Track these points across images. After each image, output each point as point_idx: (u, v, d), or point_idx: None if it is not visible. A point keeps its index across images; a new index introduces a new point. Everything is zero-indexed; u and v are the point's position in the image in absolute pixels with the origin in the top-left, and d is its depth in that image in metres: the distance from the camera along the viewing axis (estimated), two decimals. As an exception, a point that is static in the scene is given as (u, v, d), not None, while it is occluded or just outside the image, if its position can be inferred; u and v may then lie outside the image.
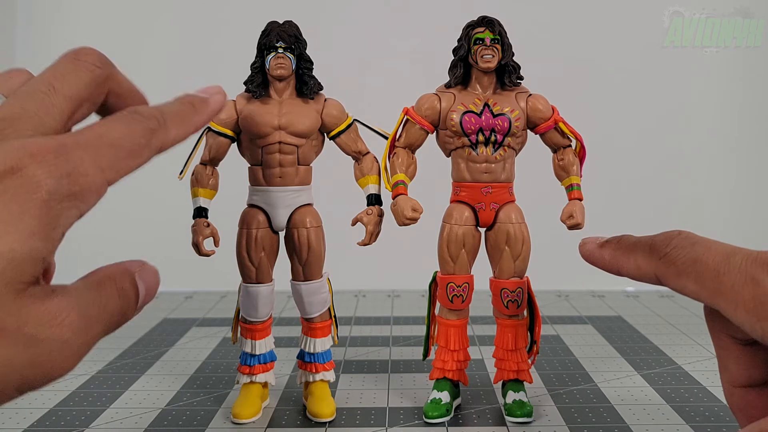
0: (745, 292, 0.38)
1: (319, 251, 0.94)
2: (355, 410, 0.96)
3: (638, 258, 0.46)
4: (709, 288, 0.41)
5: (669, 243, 0.44)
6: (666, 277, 0.44)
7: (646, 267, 0.45)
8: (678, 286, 0.43)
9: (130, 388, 1.05)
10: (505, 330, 0.94)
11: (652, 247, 0.45)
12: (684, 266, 0.42)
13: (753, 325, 0.39)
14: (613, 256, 0.48)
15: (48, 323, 0.33)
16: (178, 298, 1.66)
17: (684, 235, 0.44)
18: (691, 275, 0.42)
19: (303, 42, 0.93)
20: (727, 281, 0.39)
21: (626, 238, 0.48)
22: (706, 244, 0.42)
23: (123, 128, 0.38)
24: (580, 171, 0.95)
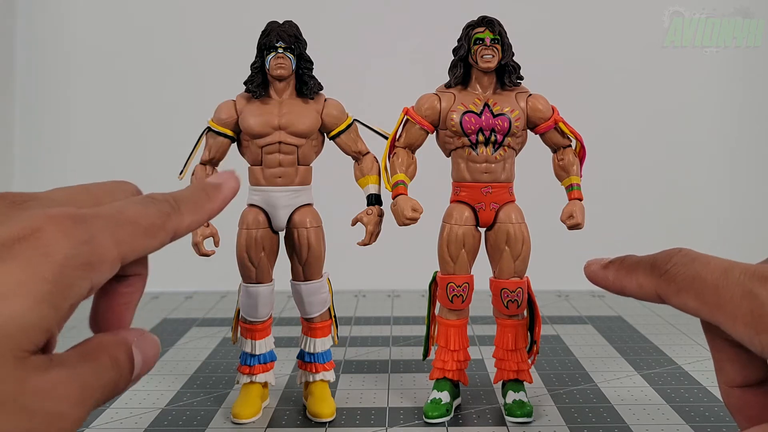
0: (743, 306, 0.39)
1: (319, 251, 0.94)
2: (355, 410, 0.96)
3: (640, 277, 0.46)
4: (709, 303, 0.41)
5: (669, 260, 0.45)
6: (667, 294, 0.44)
7: (648, 285, 0.46)
8: (679, 303, 0.43)
9: (130, 388, 1.05)
10: (505, 330, 0.94)
11: (653, 266, 0.45)
12: (684, 283, 0.43)
13: (752, 339, 0.39)
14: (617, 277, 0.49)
15: (47, 396, 0.32)
16: (178, 298, 1.66)
17: (684, 252, 0.45)
18: (690, 292, 0.42)
19: (303, 42, 0.93)
20: (726, 295, 0.40)
21: (629, 258, 0.49)
22: (704, 260, 0.43)
23: (140, 208, 0.38)
24: (580, 171, 0.95)
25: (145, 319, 1.47)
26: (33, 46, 1.80)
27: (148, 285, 0.46)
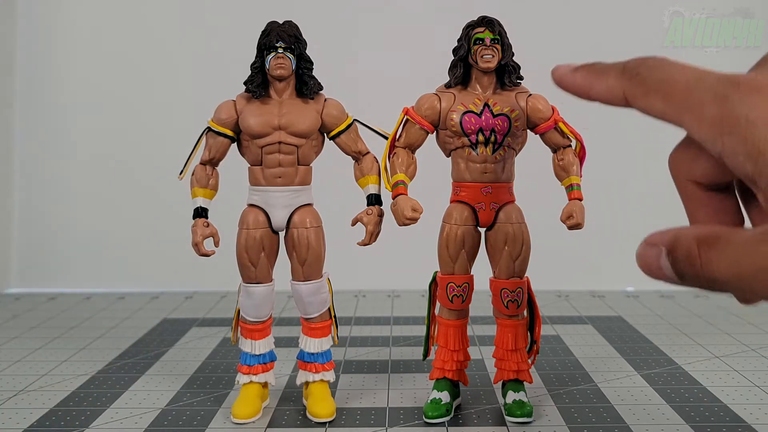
0: (712, 108, 0.38)
1: (319, 251, 0.94)
2: (355, 410, 0.96)
3: (610, 79, 0.45)
4: (677, 105, 0.40)
5: (642, 63, 0.44)
6: (635, 96, 0.43)
7: (616, 87, 0.45)
8: (646, 104, 0.43)
9: (130, 388, 1.05)
10: (505, 330, 0.94)
11: (625, 68, 0.45)
12: (654, 85, 0.42)
13: (714, 140, 0.38)
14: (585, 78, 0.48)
15: None
16: (178, 298, 1.67)
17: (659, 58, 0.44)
18: (659, 93, 0.41)
19: (303, 42, 0.93)
20: (696, 98, 0.39)
21: (600, 63, 0.48)
22: (679, 65, 0.42)
23: None
24: (580, 171, 0.95)
25: (145, 319, 1.47)
26: (33, 46, 1.80)
27: (148, 285, 0.46)
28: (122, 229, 1.80)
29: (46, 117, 1.81)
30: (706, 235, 0.38)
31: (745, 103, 0.37)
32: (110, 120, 1.80)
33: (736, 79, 0.39)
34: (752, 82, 0.38)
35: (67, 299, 1.66)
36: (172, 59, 1.79)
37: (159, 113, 1.79)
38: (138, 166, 1.80)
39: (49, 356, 1.21)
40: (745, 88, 0.38)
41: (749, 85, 0.38)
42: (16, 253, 1.82)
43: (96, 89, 1.80)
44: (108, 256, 1.80)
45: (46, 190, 1.81)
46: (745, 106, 0.37)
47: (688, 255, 0.38)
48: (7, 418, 0.94)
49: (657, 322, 1.43)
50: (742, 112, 0.37)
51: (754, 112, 0.37)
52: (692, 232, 0.39)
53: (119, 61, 1.80)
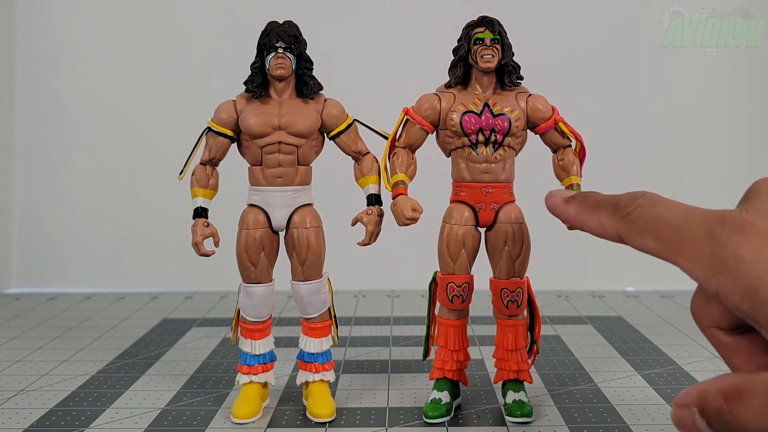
0: (703, 248, 0.39)
1: (319, 251, 0.94)
2: (355, 410, 0.96)
3: (602, 216, 0.46)
4: (670, 245, 0.41)
5: (633, 202, 0.44)
6: (628, 235, 0.44)
7: (609, 226, 0.45)
8: (639, 244, 0.43)
9: (130, 388, 1.05)
10: (505, 330, 0.94)
11: (616, 207, 0.45)
12: (645, 224, 0.42)
13: (708, 280, 0.39)
14: (578, 212, 0.48)
15: None
16: (178, 298, 1.67)
17: (648, 195, 0.44)
18: (651, 233, 0.42)
19: (303, 42, 0.93)
20: (687, 237, 0.40)
21: (592, 195, 0.49)
22: (667, 204, 0.43)
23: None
24: (580, 171, 0.95)
25: (145, 319, 1.47)
26: (33, 46, 1.80)
27: (148, 285, 0.46)
28: (122, 229, 1.80)
29: (46, 117, 1.81)
30: (729, 389, 0.38)
31: (732, 240, 0.38)
32: (110, 120, 1.80)
33: (723, 216, 0.39)
34: (738, 220, 0.38)
35: (67, 299, 1.66)
36: (172, 59, 1.79)
37: (159, 113, 1.79)
38: (138, 165, 1.80)
39: (49, 356, 1.21)
40: (731, 226, 0.38)
41: (735, 223, 0.38)
42: (16, 253, 1.82)
43: (96, 89, 1.80)
44: (108, 256, 1.80)
45: (46, 190, 1.81)
46: (733, 244, 0.37)
47: (719, 412, 0.38)
48: (7, 418, 0.94)
49: (657, 322, 1.43)
50: (730, 250, 0.37)
51: (742, 249, 0.37)
52: (716, 387, 0.39)
53: (119, 61, 1.80)
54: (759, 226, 0.38)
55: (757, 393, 0.37)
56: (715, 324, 0.45)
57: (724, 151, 1.84)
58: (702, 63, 1.81)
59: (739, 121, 1.85)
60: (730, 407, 0.38)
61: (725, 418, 0.38)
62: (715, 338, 0.45)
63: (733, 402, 0.38)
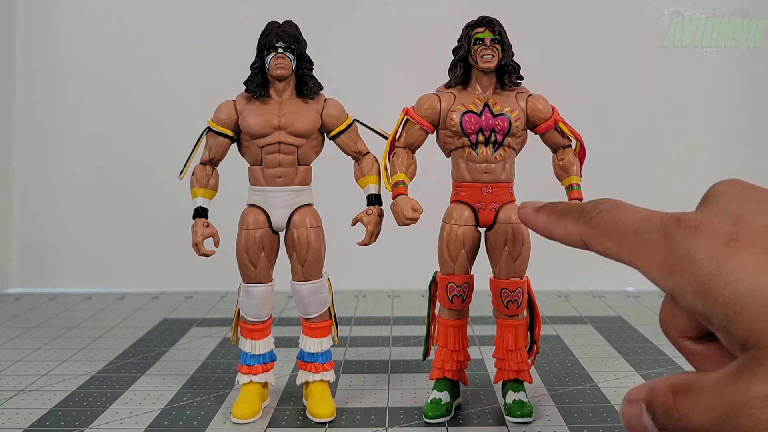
0: (658, 249, 0.39)
1: (319, 251, 0.94)
2: (355, 410, 0.96)
3: (568, 223, 0.47)
4: (628, 247, 0.42)
5: (596, 208, 0.46)
6: (591, 240, 0.45)
7: (574, 231, 0.46)
8: (601, 248, 0.44)
9: (130, 388, 1.05)
10: (505, 330, 0.94)
11: (580, 213, 0.46)
12: (606, 228, 0.44)
13: (664, 280, 0.39)
14: (546, 221, 0.50)
15: None
16: (178, 298, 1.67)
17: (611, 201, 0.46)
18: (612, 237, 0.43)
19: (303, 42, 0.93)
20: (644, 240, 0.40)
21: (560, 205, 0.50)
22: (628, 208, 0.44)
23: None
24: (580, 171, 0.95)
25: (145, 319, 1.47)
26: (34, 47, 1.80)
27: (148, 285, 0.46)
28: (122, 229, 1.80)
29: (46, 117, 1.81)
30: (679, 385, 0.38)
31: (686, 240, 0.38)
32: (110, 120, 1.80)
33: (678, 218, 0.40)
34: (692, 220, 0.39)
35: (67, 299, 1.66)
36: (172, 59, 1.79)
37: (159, 113, 1.79)
38: (138, 165, 1.80)
39: (49, 356, 1.21)
40: (686, 227, 0.39)
41: (690, 222, 0.39)
42: (16, 253, 1.82)
43: (96, 89, 1.80)
44: (108, 256, 1.80)
45: (47, 190, 1.81)
46: (686, 244, 0.38)
47: (665, 408, 0.38)
48: (7, 418, 0.93)
49: (657, 322, 1.43)
50: (683, 250, 0.38)
51: (695, 248, 0.37)
52: (666, 383, 0.39)
53: (119, 62, 1.80)
54: (712, 226, 0.38)
55: (705, 390, 0.37)
56: (682, 334, 0.45)
57: (723, 151, 1.84)
58: (702, 63, 1.80)
59: (738, 121, 1.85)
60: (677, 403, 0.38)
61: (671, 413, 0.38)
62: (684, 348, 0.45)
63: (680, 398, 0.38)
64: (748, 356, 0.35)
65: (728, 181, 0.43)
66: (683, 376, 0.39)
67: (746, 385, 0.35)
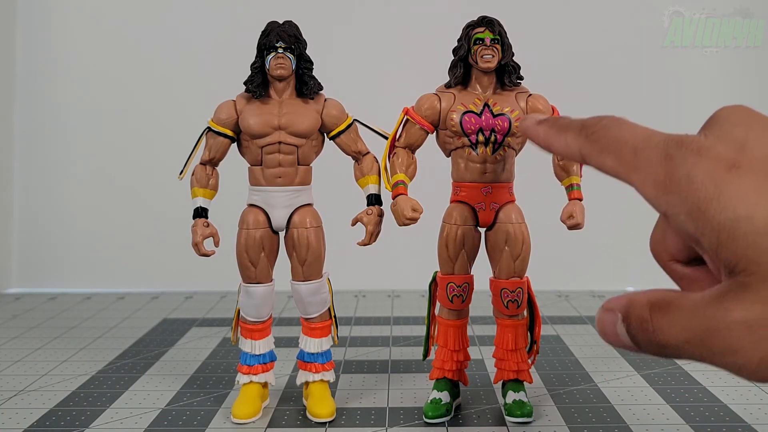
0: (657, 168, 0.39)
1: (319, 251, 0.94)
2: (355, 410, 0.96)
3: (568, 136, 0.46)
4: (626, 164, 0.41)
5: (598, 123, 0.44)
6: (589, 154, 0.44)
7: (573, 144, 0.45)
8: (599, 163, 0.43)
9: (130, 388, 1.05)
10: (505, 330, 0.94)
11: (582, 126, 0.45)
12: (606, 144, 0.43)
13: (658, 199, 0.39)
14: (547, 134, 0.48)
15: None
16: (178, 298, 1.67)
17: (615, 117, 0.45)
18: (611, 152, 0.42)
19: (303, 42, 0.93)
20: (643, 157, 0.40)
21: (563, 118, 0.48)
22: (631, 125, 0.43)
23: None
24: (580, 171, 0.95)
25: (145, 319, 1.47)
26: (34, 47, 1.80)
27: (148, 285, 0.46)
28: (122, 229, 1.80)
29: (46, 117, 1.81)
30: (658, 301, 0.38)
31: (687, 162, 0.38)
32: (110, 120, 1.80)
33: (681, 139, 0.39)
34: (696, 143, 0.39)
35: (67, 299, 1.66)
36: (172, 59, 1.79)
37: (159, 113, 1.79)
38: (138, 166, 1.80)
39: (49, 356, 1.21)
40: (688, 148, 0.38)
41: (692, 145, 0.38)
42: (16, 253, 1.82)
43: (96, 90, 1.80)
44: (108, 256, 1.80)
45: (47, 190, 1.81)
46: (687, 165, 0.38)
47: (641, 321, 0.38)
48: (7, 418, 0.93)
49: (657, 322, 1.43)
50: (683, 171, 0.38)
51: (695, 170, 0.37)
52: (645, 298, 0.39)
53: (119, 62, 1.80)
54: (716, 150, 0.38)
55: (684, 309, 0.37)
56: (672, 257, 0.45)
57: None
58: (702, 63, 1.80)
59: (739, 121, 1.84)
60: (653, 318, 0.38)
61: (646, 326, 0.38)
62: (673, 272, 0.46)
63: (657, 313, 0.38)
64: (735, 281, 0.35)
65: (734, 106, 0.42)
66: (664, 292, 0.39)
67: (727, 309, 0.35)
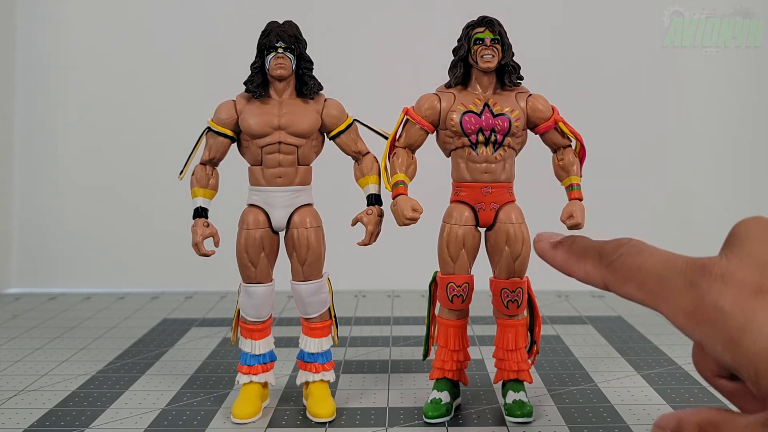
0: (684, 297, 0.39)
1: (319, 251, 0.94)
2: (355, 410, 0.96)
3: (588, 265, 0.46)
4: (652, 293, 0.41)
5: (617, 250, 0.45)
6: (613, 284, 0.44)
7: (595, 274, 0.46)
8: (624, 292, 0.44)
9: (130, 388, 1.05)
10: (505, 330, 0.94)
11: (601, 255, 0.46)
12: (629, 273, 0.43)
13: (692, 330, 0.39)
14: (565, 260, 0.49)
15: None
16: (178, 298, 1.67)
17: (632, 243, 0.45)
18: (635, 282, 0.43)
19: (303, 42, 0.93)
20: (669, 286, 0.40)
21: (579, 242, 0.49)
22: (651, 251, 0.43)
23: None
24: (580, 171, 0.95)
25: (145, 319, 1.47)
26: (33, 46, 1.80)
27: (148, 285, 0.46)
28: (122, 229, 1.80)
29: (45, 117, 1.81)
30: (707, 423, 0.38)
31: (712, 290, 0.37)
32: (110, 120, 1.80)
33: (703, 264, 0.39)
34: (718, 267, 0.38)
35: (67, 299, 1.66)
36: (172, 59, 1.79)
37: (159, 113, 1.79)
38: (138, 165, 1.80)
39: (49, 356, 1.21)
40: (711, 275, 0.38)
41: (715, 270, 0.38)
42: (16, 253, 1.82)
43: (96, 90, 1.80)
44: (108, 256, 1.80)
45: (47, 190, 1.81)
46: (713, 294, 0.37)
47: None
48: (7, 418, 0.93)
49: (657, 322, 1.43)
50: (710, 300, 0.37)
51: (722, 299, 0.37)
52: (696, 418, 0.39)
53: (118, 62, 1.80)
54: (740, 275, 0.37)
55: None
56: (716, 374, 0.45)
57: (724, 151, 1.84)
58: (702, 63, 1.80)
59: (739, 121, 1.85)
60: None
61: None
62: (719, 387, 0.45)
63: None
64: None
65: (750, 221, 0.42)
66: (712, 413, 0.39)
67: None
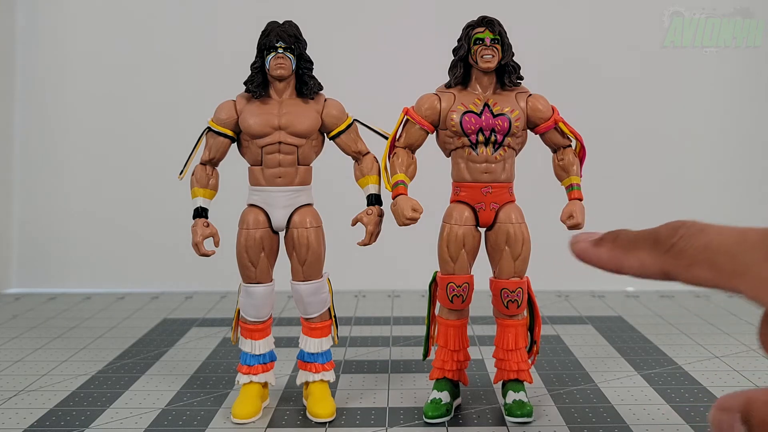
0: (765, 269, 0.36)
1: (319, 251, 0.94)
2: (355, 410, 0.96)
3: (641, 254, 0.42)
4: (726, 271, 0.37)
5: (675, 233, 0.41)
6: (677, 270, 0.40)
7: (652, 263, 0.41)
8: (691, 277, 0.39)
9: (130, 388, 1.05)
10: (505, 330, 0.94)
11: (656, 241, 0.41)
12: (695, 255, 0.39)
13: None
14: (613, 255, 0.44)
15: None
16: (178, 298, 1.67)
17: (689, 224, 0.41)
18: (704, 263, 0.38)
19: (303, 42, 0.93)
20: (745, 261, 0.37)
21: (624, 234, 0.44)
22: (715, 229, 0.39)
23: None
24: (580, 171, 0.95)
25: (145, 319, 1.47)
26: (33, 46, 1.80)
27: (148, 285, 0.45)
28: (122, 229, 1.80)
29: (46, 117, 1.81)
30: None
31: None
32: (110, 120, 1.80)
33: None
34: None
35: (67, 299, 1.66)
36: (172, 59, 1.79)
37: (159, 113, 1.79)
38: (138, 166, 1.80)
39: (49, 356, 1.21)
40: None
41: None
42: (16, 253, 1.82)
43: (96, 90, 1.80)
44: (108, 256, 1.80)
45: (46, 190, 1.81)
46: None
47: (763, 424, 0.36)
48: (7, 418, 0.93)
49: (657, 322, 1.43)
50: None
51: None
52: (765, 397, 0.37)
53: (118, 61, 1.80)
54: None
55: None
56: None
57: (724, 151, 1.84)
58: (702, 63, 1.80)
59: (739, 121, 1.85)
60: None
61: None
62: None
63: None
64: None
65: None
66: None
67: None
